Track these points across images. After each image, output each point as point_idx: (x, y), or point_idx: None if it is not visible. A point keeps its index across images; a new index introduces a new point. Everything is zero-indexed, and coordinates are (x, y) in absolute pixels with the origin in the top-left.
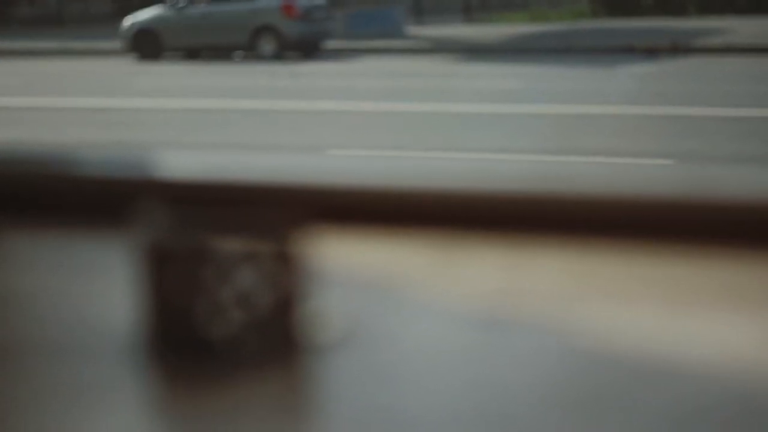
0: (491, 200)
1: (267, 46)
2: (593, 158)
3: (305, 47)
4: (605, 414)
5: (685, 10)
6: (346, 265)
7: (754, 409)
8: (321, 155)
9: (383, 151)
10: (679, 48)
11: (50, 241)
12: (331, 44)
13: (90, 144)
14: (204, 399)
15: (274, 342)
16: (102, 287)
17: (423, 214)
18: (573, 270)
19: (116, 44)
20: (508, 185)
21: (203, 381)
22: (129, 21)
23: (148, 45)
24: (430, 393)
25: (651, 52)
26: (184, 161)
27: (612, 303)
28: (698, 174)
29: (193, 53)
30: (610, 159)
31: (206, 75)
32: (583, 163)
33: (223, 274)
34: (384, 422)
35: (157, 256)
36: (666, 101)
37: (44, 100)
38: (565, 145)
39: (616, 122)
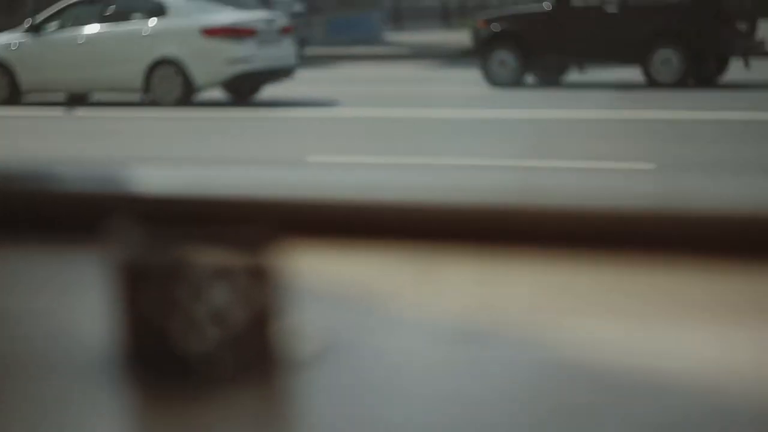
0: (467, 213)
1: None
2: (573, 163)
3: None
4: (584, 427)
5: None
6: (322, 280)
7: (736, 420)
8: (295, 167)
9: (360, 157)
10: None
11: (22, 258)
12: (310, 51)
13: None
14: (180, 416)
15: (251, 358)
16: (76, 304)
17: (399, 227)
18: (550, 283)
19: None
20: (483, 198)
21: (179, 398)
22: None
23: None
24: (407, 406)
25: None
26: (157, 176)
27: (590, 315)
28: (677, 184)
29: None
30: (590, 163)
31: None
32: (561, 170)
33: (198, 290)
34: None
35: (131, 272)
36: (647, 105)
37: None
38: (543, 151)
39: (596, 127)
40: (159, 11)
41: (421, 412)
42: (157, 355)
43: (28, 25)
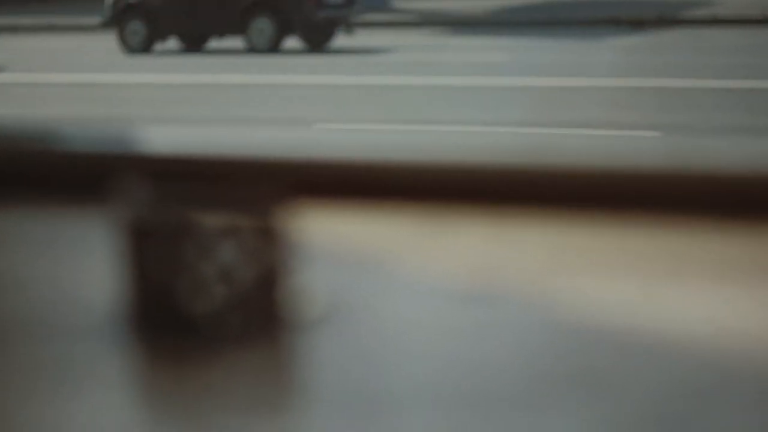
0: (474, 173)
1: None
2: (579, 131)
3: None
4: (591, 389)
5: None
6: (329, 240)
7: (740, 382)
8: (304, 129)
9: (367, 125)
10: (665, 20)
11: (30, 218)
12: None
13: (75, 119)
14: (187, 376)
15: (257, 318)
16: (83, 263)
17: (406, 187)
18: (557, 243)
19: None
20: (491, 158)
21: (186, 358)
22: None
23: None
24: (414, 369)
25: (637, 24)
26: (165, 136)
27: (597, 276)
28: (682, 146)
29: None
30: (597, 131)
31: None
32: (568, 136)
33: (206, 250)
34: (368, 398)
35: (138, 232)
36: (652, 74)
37: (30, 76)
38: (550, 118)
39: (602, 95)
40: None
41: (427, 375)
42: (163, 315)
43: None
